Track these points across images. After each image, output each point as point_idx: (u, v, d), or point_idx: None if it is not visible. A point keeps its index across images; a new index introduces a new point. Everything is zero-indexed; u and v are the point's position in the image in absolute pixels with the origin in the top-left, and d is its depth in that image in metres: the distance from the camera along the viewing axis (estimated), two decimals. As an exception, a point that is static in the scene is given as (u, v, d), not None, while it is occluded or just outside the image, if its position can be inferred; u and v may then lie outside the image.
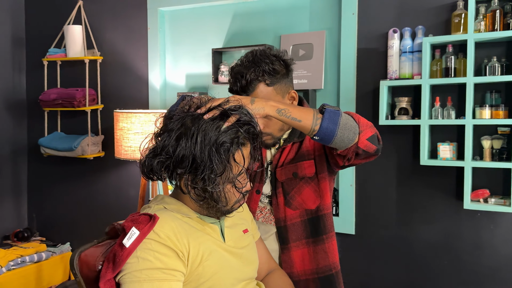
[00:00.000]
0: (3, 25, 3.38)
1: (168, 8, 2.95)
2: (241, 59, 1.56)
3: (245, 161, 1.19)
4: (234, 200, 1.23)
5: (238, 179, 1.20)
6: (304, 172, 1.60)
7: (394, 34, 2.29)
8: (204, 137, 1.14)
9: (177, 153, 1.14)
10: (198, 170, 1.14)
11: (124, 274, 1.12)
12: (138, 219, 1.16)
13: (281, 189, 1.61)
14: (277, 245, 1.64)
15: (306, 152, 1.61)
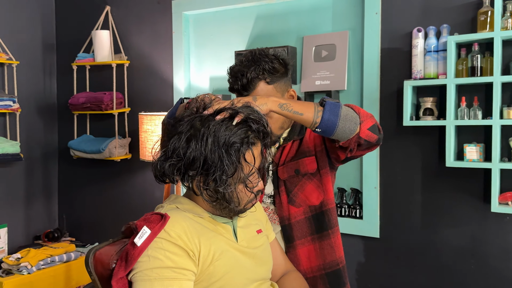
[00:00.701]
0: (35, 31, 3.49)
1: (192, 12, 2.98)
2: (240, 59, 1.59)
3: (255, 161, 1.19)
4: (247, 200, 1.23)
5: (250, 179, 1.19)
6: (306, 168, 1.61)
7: (418, 33, 2.25)
8: (214, 138, 1.14)
9: (188, 155, 1.15)
10: (209, 171, 1.15)
11: (136, 272, 1.13)
12: (150, 218, 1.17)
13: (283, 187, 1.62)
14: (283, 244, 1.64)
15: (307, 149, 1.62)
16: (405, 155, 2.37)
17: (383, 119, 2.40)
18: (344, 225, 2.51)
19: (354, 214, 2.50)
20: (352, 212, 2.50)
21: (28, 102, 3.43)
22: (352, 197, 2.52)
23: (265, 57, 1.54)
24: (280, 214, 1.62)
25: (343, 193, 2.53)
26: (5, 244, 3.18)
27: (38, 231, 3.52)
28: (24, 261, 2.89)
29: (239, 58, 1.60)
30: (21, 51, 3.36)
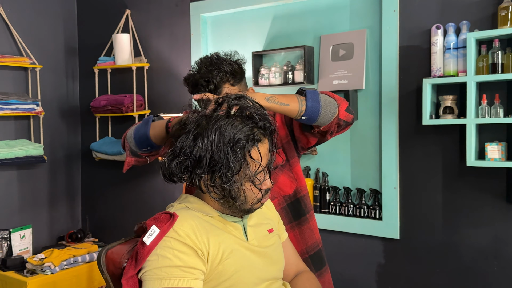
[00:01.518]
0: (57, 36, 3.57)
1: (210, 14, 3.00)
2: (197, 67, 1.63)
3: (262, 158, 1.18)
4: (254, 198, 1.22)
5: (257, 177, 1.19)
6: (276, 161, 1.64)
7: (437, 30, 2.20)
8: (220, 135, 1.15)
9: (195, 153, 1.16)
10: (215, 168, 1.15)
11: (145, 271, 1.14)
12: (159, 217, 1.18)
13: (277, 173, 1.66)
14: None
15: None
16: (425, 154, 2.33)
17: (402, 118, 2.36)
18: (363, 226, 2.48)
19: (373, 215, 2.46)
20: (371, 213, 2.47)
21: (51, 105, 3.50)
22: (371, 198, 2.48)
23: (223, 60, 1.60)
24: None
25: (362, 193, 2.50)
26: (29, 244, 3.26)
27: (61, 231, 3.59)
28: (47, 261, 2.94)
29: (194, 67, 1.64)
30: (44, 56, 3.44)
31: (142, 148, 1.58)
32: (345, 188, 2.55)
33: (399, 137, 2.38)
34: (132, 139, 1.59)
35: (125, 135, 1.65)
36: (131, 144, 1.60)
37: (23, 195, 3.35)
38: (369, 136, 2.50)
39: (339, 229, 2.56)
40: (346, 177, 2.59)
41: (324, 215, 2.59)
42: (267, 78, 2.72)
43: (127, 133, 1.63)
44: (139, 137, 1.56)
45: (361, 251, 2.52)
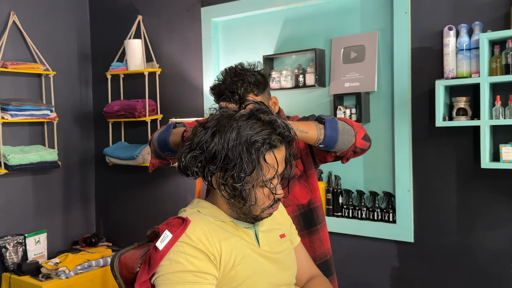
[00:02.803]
0: (70, 42, 3.61)
1: (221, 19, 3.01)
2: (222, 77, 1.66)
3: (278, 165, 1.18)
4: (263, 204, 1.22)
5: (270, 182, 1.19)
6: (294, 171, 1.64)
7: (449, 31, 2.19)
8: (237, 135, 1.16)
9: (210, 149, 1.17)
10: (229, 167, 1.15)
11: (158, 276, 1.14)
12: (172, 222, 1.19)
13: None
14: None
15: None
16: (438, 157, 2.30)
17: (415, 120, 2.35)
18: (377, 229, 2.46)
19: (387, 218, 2.45)
20: (385, 216, 2.45)
21: (65, 111, 3.54)
22: (384, 201, 2.47)
23: (247, 71, 1.63)
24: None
25: (375, 196, 2.48)
26: (44, 249, 3.29)
27: (76, 236, 3.62)
28: (62, 265, 2.97)
29: (219, 77, 1.68)
30: (57, 62, 3.48)
31: (164, 152, 1.65)
32: (358, 191, 2.54)
33: (412, 139, 2.36)
34: (156, 142, 1.66)
35: (151, 138, 1.72)
36: (156, 147, 1.67)
37: (38, 200, 3.39)
38: (381, 138, 2.49)
39: (352, 232, 2.54)
40: (359, 180, 2.57)
41: (337, 219, 2.58)
42: (278, 82, 2.72)
43: (153, 135, 1.70)
44: (160, 141, 1.63)
45: (375, 254, 2.50)
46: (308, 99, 2.71)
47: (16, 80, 3.25)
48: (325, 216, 2.61)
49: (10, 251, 3.11)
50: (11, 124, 3.19)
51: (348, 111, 2.49)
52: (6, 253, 3.10)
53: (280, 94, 2.79)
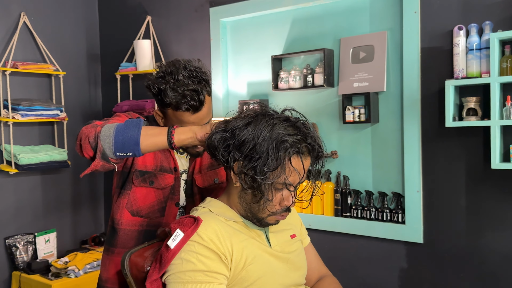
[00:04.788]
0: (80, 43, 3.63)
1: (229, 19, 3.01)
2: (181, 75, 1.52)
3: (304, 171, 1.20)
4: (272, 208, 1.21)
5: (289, 185, 1.19)
6: (223, 178, 1.68)
7: (459, 31, 2.17)
8: (270, 131, 1.18)
9: (241, 136, 1.19)
10: (253, 158, 1.16)
11: (169, 274, 1.15)
12: (183, 221, 1.19)
13: (198, 195, 1.65)
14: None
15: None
16: (448, 157, 2.29)
17: (424, 120, 2.33)
18: (386, 230, 2.45)
19: (396, 219, 2.44)
20: (394, 217, 2.44)
21: (74, 111, 3.56)
22: (393, 202, 2.46)
23: (200, 69, 1.58)
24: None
25: (384, 197, 2.47)
26: (54, 248, 3.31)
27: (85, 235, 3.63)
28: (71, 264, 2.99)
29: (177, 76, 1.53)
30: (67, 62, 3.50)
31: (121, 152, 1.35)
32: (366, 191, 2.53)
33: (421, 140, 2.35)
34: (111, 140, 1.34)
35: (96, 133, 1.36)
36: (107, 146, 1.34)
37: (47, 199, 3.41)
38: (390, 138, 2.48)
39: (361, 233, 2.53)
40: (368, 180, 2.56)
41: (345, 219, 2.57)
42: (287, 82, 2.72)
43: (99, 131, 1.36)
44: (123, 140, 1.34)
45: (384, 255, 2.50)
46: (317, 99, 2.71)
47: (26, 80, 3.28)
48: (334, 217, 2.61)
49: (20, 250, 3.14)
50: (22, 124, 3.22)
51: (357, 111, 2.48)
52: (16, 252, 3.12)
53: (288, 94, 2.79)
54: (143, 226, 1.62)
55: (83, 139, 1.37)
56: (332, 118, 2.64)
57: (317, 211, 2.68)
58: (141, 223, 1.62)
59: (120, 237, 1.63)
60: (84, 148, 1.38)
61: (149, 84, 1.56)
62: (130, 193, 1.63)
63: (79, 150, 1.42)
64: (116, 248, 1.64)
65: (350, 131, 2.60)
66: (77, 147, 1.42)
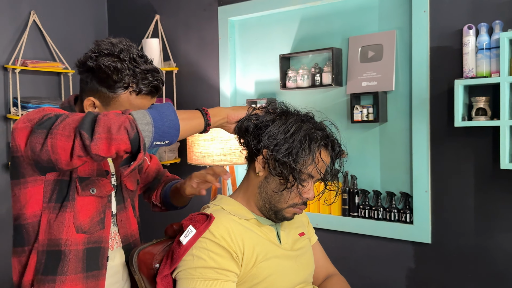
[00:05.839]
0: (89, 42, 3.64)
1: (237, 18, 3.02)
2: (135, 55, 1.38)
3: (329, 166, 1.24)
4: (292, 200, 1.23)
5: (305, 183, 1.22)
6: (138, 177, 1.59)
7: (469, 30, 2.16)
8: (300, 124, 1.22)
9: (273, 125, 1.23)
10: (283, 147, 1.19)
11: (180, 270, 1.16)
12: (196, 218, 1.20)
13: (129, 200, 1.50)
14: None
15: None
16: (457, 157, 2.28)
17: (433, 120, 2.32)
18: (394, 230, 2.44)
19: (404, 219, 2.43)
20: (402, 217, 2.43)
21: (83, 110, 3.57)
22: (401, 202, 2.45)
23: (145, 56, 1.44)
24: (124, 233, 1.46)
25: (392, 197, 2.47)
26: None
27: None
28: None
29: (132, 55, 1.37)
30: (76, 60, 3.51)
31: (159, 141, 1.16)
32: (374, 191, 2.52)
33: (430, 140, 2.34)
34: (151, 127, 1.13)
35: (130, 121, 1.11)
36: (146, 134, 1.12)
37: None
38: (399, 138, 2.47)
39: (368, 233, 2.53)
40: (376, 180, 2.56)
41: (353, 219, 2.57)
42: (295, 81, 2.71)
43: (131, 118, 1.12)
44: (162, 127, 1.14)
45: (391, 255, 2.49)
46: (325, 98, 2.71)
47: (35, 78, 3.30)
48: (341, 216, 2.61)
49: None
50: (31, 121, 3.24)
51: (365, 110, 2.48)
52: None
53: (296, 93, 2.78)
54: (85, 244, 1.33)
55: (115, 130, 1.08)
56: (340, 117, 2.64)
57: (324, 210, 2.68)
58: (83, 241, 1.33)
59: (72, 260, 1.30)
60: (116, 140, 1.09)
61: (98, 63, 1.32)
62: (75, 205, 1.31)
63: (103, 146, 1.09)
64: (67, 275, 1.29)
65: (358, 130, 2.59)
66: (100, 141, 1.09)
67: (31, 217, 1.29)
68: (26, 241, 1.30)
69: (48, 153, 1.14)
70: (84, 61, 1.35)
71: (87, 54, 1.36)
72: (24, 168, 1.26)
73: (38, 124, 1.18)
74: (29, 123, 1.20)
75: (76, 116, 1.14)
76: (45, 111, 1.23)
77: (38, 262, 1.29)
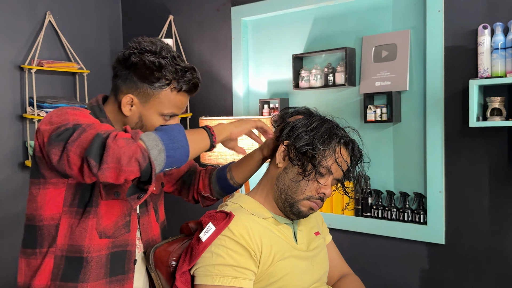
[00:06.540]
0: (104, 42, 3.68)
1: (251, 18, 3.02)
2: (174, 53, 1.39)
3: (342, 162, 1.26)
4: (309, 192, 1.25)
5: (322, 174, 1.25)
6: (163, 179, 1.55)
7: (484, 30, 2.15)
8: (323, 122, 1.28)
9: (295, 121, 1.29)
10: (304, 137, 1.24)
11: (198, 267, 1.17)
12: (215, 215, 1.21)
13: (152, 203, 1.45)
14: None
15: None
16: (471, 157, 2.26)
17: (447, 120, 2.31)
18: (407, 230, 2.43)
19: (417, 220, 2.42)
20: (415, 218, 2.42)
21: (97, 109, 3.61)
22: (415, 202, 2.44)
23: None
24: (146, 237, 1.41)
25: (406, 197, 2.46)
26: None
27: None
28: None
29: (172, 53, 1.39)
30: (91, 61, 3.56)
31: (170, 167, 1.13)
32: (388, 191, 2.52)
33: (444, 140, 2.32)
34: (164, 156, 1.09)
35: (142, 151, 1.07)
36: (158, 163, 1.08)
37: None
38: (412, 138, 2.46)
39: (382, 233, 2.52)
40: (389, 180, 2.55)
41: (366, 219, 2.56)
42: (308, 81, 2.72)
43: (142, 147, 1.07)
44: (174, 154, 1.11)
45: (404, 256, 2.48)
46: (338, 98, 2.70)
47: (51, 78, 3.34)
48: (354, 216, 2.60)
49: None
50: (46, 121, 3.28)
51: (378, 110, 2.47)
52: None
53: (309, 93, 2.79)
54: (109, 249, 1.31)
55: (125, 161, 1.04)
56: (353, 117, 2.63)
57: (337, 210, 2.67)
58: (107, 245, 1.30)
59: (94, 267, 1.27)
60: (126, 172, 1.05)
61: (142, 59, 1.32)
62: (98, 210, 1.29)
63: (112, 175, 1.06)
64: (88, 283, 1.27)
65: (371, 130, 2.58)
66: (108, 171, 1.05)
67: (48, 219, 1.26)
68: (38, 243, 1.27)
69: (64, 167, 1.11)
70: (127, 57, 1.34)
71: (129, 50, 1.35)
72: (46, 169, 1.24)
73: (55, 134, 1.15)
74: (49, 126, 1.19)
75: (91, 133, 1.10)
76: (67, 116, 1.20)
77: (56, 267, 1.26)
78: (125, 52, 1.35)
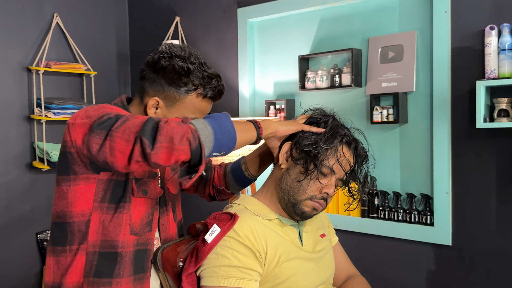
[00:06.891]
0: (110, 43, 3.70)
1: (257, 19, 3.03)
2: (202, 59, 1.41)
3: (343, 161, 1.26)
4: (312, 191, 1.25)
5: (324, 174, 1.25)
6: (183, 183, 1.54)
7: (491, 31, 2.14)
8: (329, 120, 1.29)
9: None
10: (311, 137, 1.25)
11: (204, 268, 1.17)
12: (220, 217, 1.22)
13: (170, 203, 1.47)
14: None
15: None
16: (478, 158, 2.26)
17: (454, 121, 2.31)
18: (414, 232, 2.43)
19: (424, 221, 2.41)
20: (422, 219, 2.42)
21: (104, 110, 3.63)
22: (422, 203, 2.43)
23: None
24: (164, 236, 1.42)
25: (413, 198, 2.45)
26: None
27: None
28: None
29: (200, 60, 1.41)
30: (98, 62, 3.58)
31: (217, 152, 1.17)
32: (394, 192, 2.51)
33: (451, 141, 2.32)
34: (212, 139, 1.13)
35: (193, 131, 1.12)
36: (207, 145, 1.13)
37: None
38: (419, 139, 2.45)
39: (388, 234, 2.52)
40: (395, 181, 2.54)
41: (372, 220, 2.56)
42: (314, 82, 2.72)
43: (193, 129, 1.12)
44: (222, 138, 1.15)
45: (411, 257, 2.47)
46: (344, 99, 2.70)
47: (58, 79, 3.36)
48: (361, 218, 2.60)
49: (51, 245, 3.22)
50: (54, 122, 3.30)
51: (385, 111, 2.47)
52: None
53: (315, 94, 2.79)
54: (134, 246, 1.32)
55: (178, 140, 1.08)
56: (360, 118, 2.63)
57: (343, 211, 2.67)
58: (134, 242, 1.31)
59: (126, 263, 1.29)
60: (177, 151, 1.08)
61: (171, 63, 1.33)
62: (131, 206, 1.31)
63: (163, 155, 1.09)
64: (123, 278, 1.27)
65: (378, 131, 2.58)
66: (161, 150, 1.08)
67: (78, 216, 1.26)
68: (68, 240, 1.27)
69: (105, 155, 1.13)
70: (156, 61, 1.36)
71: (159, 54, 1.37)
72: (77, 165, 1.25)
73: (98, 123, 1.17)
74: (87, 119, 1.20)
75: (137, 120, 1.13)
76: (104, 109, 1.23)
77: (88, 264, 1.26)
78: (154, 56, 1.37)
